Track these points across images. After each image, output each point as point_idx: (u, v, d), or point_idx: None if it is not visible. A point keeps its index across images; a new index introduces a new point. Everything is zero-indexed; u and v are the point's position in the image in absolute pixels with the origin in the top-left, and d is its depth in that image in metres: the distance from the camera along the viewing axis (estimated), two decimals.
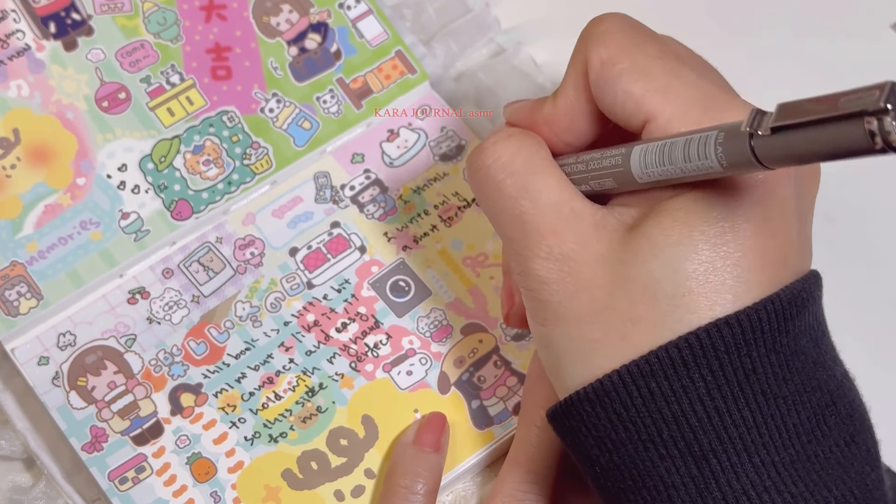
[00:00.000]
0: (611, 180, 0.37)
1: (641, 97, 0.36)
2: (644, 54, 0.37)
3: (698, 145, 0.33)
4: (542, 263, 0.37)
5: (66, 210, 0.49)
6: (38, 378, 0.47)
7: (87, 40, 0.51)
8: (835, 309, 0.51)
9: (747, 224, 0.35)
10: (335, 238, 0.50)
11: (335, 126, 0.51)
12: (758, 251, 0.35)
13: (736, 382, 0.34)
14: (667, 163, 0.34)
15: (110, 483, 0.45)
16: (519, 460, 0.43)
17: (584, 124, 0.39)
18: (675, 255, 0.35)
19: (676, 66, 0.37)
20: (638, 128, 0.37)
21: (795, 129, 0.30)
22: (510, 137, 0.39)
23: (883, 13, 0.58)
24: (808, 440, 0.35)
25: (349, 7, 0.53)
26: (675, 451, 0.35)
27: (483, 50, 0.56)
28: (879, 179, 0.55)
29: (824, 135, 0.29)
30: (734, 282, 0.34)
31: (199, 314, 0.48)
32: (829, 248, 0.53)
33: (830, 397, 0.35)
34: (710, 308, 0.34)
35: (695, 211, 0.35)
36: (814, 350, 0.36)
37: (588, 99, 0.39)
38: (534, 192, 0.38)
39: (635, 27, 0.38)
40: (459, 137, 0.52)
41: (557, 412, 0.37)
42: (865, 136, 0.27)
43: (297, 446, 0.46)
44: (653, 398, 0.34)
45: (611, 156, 0.37)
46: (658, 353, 0.34)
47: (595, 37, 0.38)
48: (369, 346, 0.48)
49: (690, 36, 0.57)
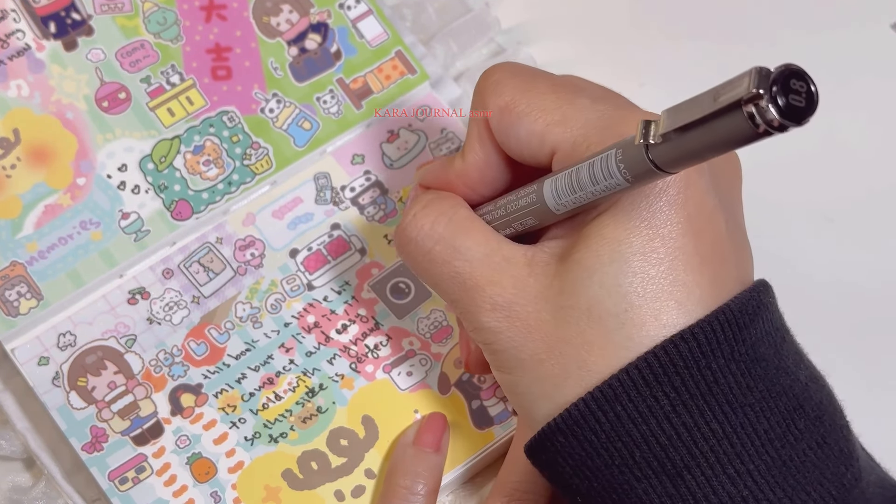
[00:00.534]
0: (531, 218, 0.38)
1: (543, 132, 0.37)
2: (538, 92, 0.38)
3: (601, 166, 0.34)
4: (489, 315, 0.37)
5: (66, 210, 0.49)
6: (38, 378, 0.47)
7: (87, 40, 0.51)
8: (835, 309, 0.51)
9: (671, 226, 0.35)
10: (336, 240, 0.50)
11: (335, 126, 0.51)
12: (688, 251, 0.35)
13: (700, 396, 0.34)
14: (577, 189, 0.35)
15: (110, 483, 0.45)
16: (519, 459, 0.44)
17: (495, 173, 0.41)
18: (610, 273, 0.35)
19: (570, 96, 0.38)
20: (546, 162, 0.38)
21: (684, 131, 0.30)
22: (427, 206, 0.40)
23: (883, 13, 0.58)
24: (780, 445, 0.35)
25: (349, 7, 0.53)
26: (649, 471, 0.35)
27: (483, 50, 0.56)
28: (879, 180, 0.55)
29: (712, 130, 0.29)
30: (672, 287, 0.35)
31: (200, 315, 0.48)
32: (829, 248, 0.53)
33: (797, 401, 0.36)
34: (656, 318, 0.35)
35: (618, 225, 0.35)
36: (774, 356, 0.36)
37: (494, 148, 0.40)
38: (463, 250, 0.39)
39: (525, 71, 0.40)
40: (459, 139, 0.52)
41: (533, 447, 0.38)
42: (748, 123, 0.28)
43: (298, 446, 0.46)
44: (620, 421, 0.35)
45: (524, 195, 0.38)
46: (619, 376, 0.35)
47: (489, 88, 0.39)
48: (369, 348, 0.48)
49: (690, 37, 0.57)
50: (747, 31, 0.57)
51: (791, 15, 0.58)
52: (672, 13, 0.58)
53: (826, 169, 0.55)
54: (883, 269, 0.53)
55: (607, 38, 0.57)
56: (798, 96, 0.28)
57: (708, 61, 0.57)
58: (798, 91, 0.28)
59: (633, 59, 0.56)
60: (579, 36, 0.57)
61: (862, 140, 0.55)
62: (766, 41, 0.57)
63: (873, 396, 0.39)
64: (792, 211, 0.54)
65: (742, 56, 0.56)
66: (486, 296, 0.38)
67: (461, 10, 0.56)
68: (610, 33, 0.57)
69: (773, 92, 0.28)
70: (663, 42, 0.57)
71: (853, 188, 0.55)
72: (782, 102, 0.28)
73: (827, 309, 0.51)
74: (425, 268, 0.40)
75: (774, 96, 0.28)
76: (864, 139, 0.55)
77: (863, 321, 0.52)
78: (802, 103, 0.28)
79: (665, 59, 0.56)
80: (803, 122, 0.28)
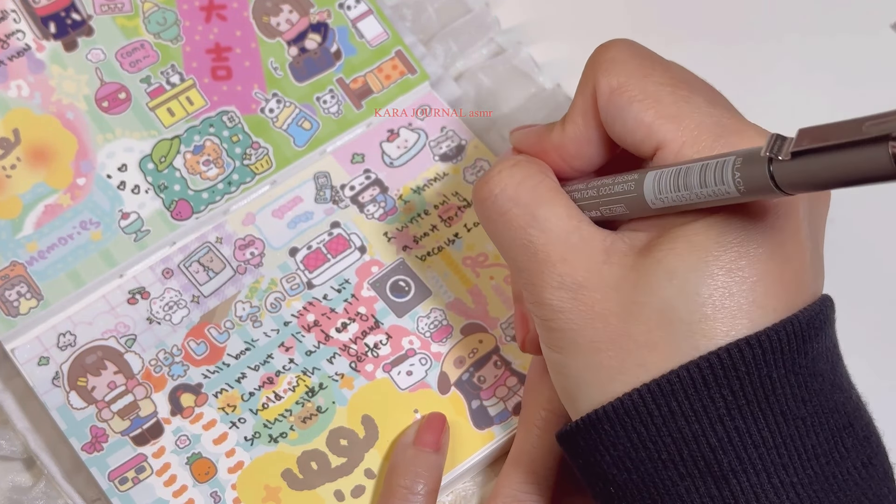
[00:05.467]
0: (622, 206, 0.37)
1: (652, 124, 0.36)
2: (653, 81, 0.37)
3: (715, 171, 0.33)
4: (555, 293, 0.37)
5: (66, 210, 0.49)
6: (38, 378, 0.47)
7: (87, 40, 0.51)
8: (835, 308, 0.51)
9: (762, 249, 0.35)
10: (335, 238, 0.50)
11: (335, 126, 0.51)
12: (773, 276, 0.35)
13: (756, 403, 0.34)
14: (682, 188, 0.34)
15: (110, 483, 0.45)
16: (520, 461, 0.43)
17: (592, 151, 0.39)
18: (691, 281, 0.34)
19: (686, 93, 0.37)
20: (649, 154, 0.37)
21: (816, 154, 0.29)
22: (515, 166, 0.39)
23: (883, 13, 0.58)
24: (826, 461, 0.34)
25: (349, 7, 0.53)
26: (694, 470, 0.34)
27: (483, 50, 0.56)
28: None
29: (846, 160, 0.28)
30: (750, 307, 0.34)
31: (199, 314, 0.48)
32: (829, 248, 0.53)
33: (848, 419, 0.35)
34: (727, 334, 0.34)
35: (709, 236, 0.35)
36: (830, 372, 0.36)
37: (597, 126, 0.39)
38: (542, 220, 0.37)
39: (643, 54, 0.38)
40: (459, 138, 0.52)
41: (571, 432, 0.37)
42: (889, 161, 0.27)
43: (297, 446, 0.46)
44: (673, 417, 0.34)
45: (623, 181, 0.37)
46: (679, 372, 0.34)
47: (603, 64, 0.38)
48: (369, 347, 0.48)
49: (690, 38, 0.57)
50: (747, 32, 0.57)
51: (791, 16, 0.58)
52: (672, 14, 0.58)
53: None
54: (883, 269, 0.53)
55: (607, 39, 0.57)
56: None
57: (708, 62, 0.56)
58: None
59: None
60: (579, 36, 0.57)
61: None
62: (765, 42, 0.57)
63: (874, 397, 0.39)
64: None
65: (742, 57, 0.56)
66: (556, 272, 0.37)
67: (461, 10, 0.56)
68: (610, 33, 0.57)
69: None
70: (663, 43, 0.57)
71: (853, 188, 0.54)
72: None
73: None
74: (499, 229, 0.39)
75: None
76: None
77: (863, 321, 0.52)
78: None
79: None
80: None
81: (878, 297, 0.53)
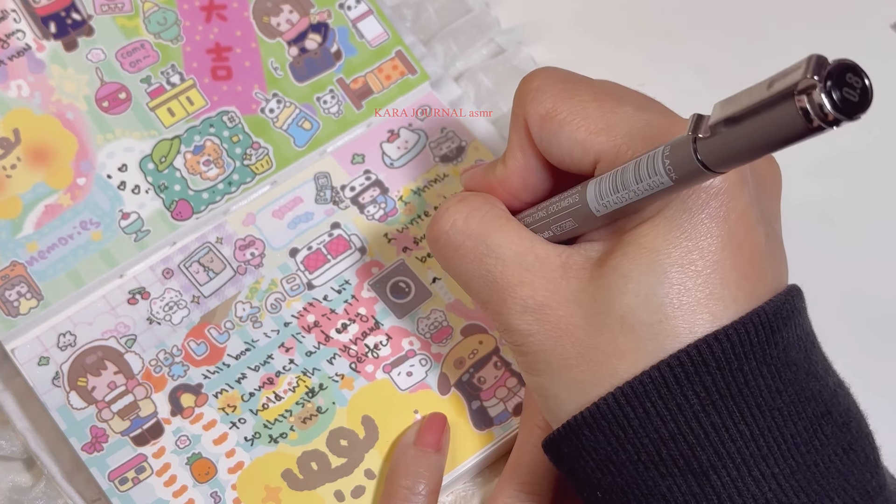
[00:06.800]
0: (571, 220, 0.38)
1: (585, 140, 0.37)
2: (579, 100, 0.38)
3: (647, 163, 0.34)
4: (521, 317, 0.37)
5: (66, 210, 0.49)
6: (38, 378, 0.47)
7: (87, 40, 0.51)
8: (834, 308, 0.51)
9: (711, 239, 0.35)
10: (335, 239, 0.50)
11: (335, 126, 0.51)
12: (727, 265, 0.35)
13: (730, 397, 0.34)
14: (620, 188, 0.35)
15: (110, 483, 0.45)
16: (520, 464, 0.44)
17: (536, 180, 0.40)
18: (646, 283, 0.35)
19: (612, 104, 0.37)
20: (589, 170, 0.38)
21: (735, 124, 0.29)
22: (462, 201, 0.40)
23: (883, 13, 0.58)
24: (806, 450, 0.35)
25: (349, 7, 0.53)
26: (674, 469, 0.35)
27: (483, 50, 0.56)
28: (879, 180, 0.55)
29: (762, 123, 0.28)
30: (708, 300, 0.35)
31: (200, 315, 0.48)
32: (829, 248, 0.53)
33: (825, 406, 0.35)
34: (690, 330, 0.35)
35: (657, 235, 0.35)
36: (805, 361, 0.36)
37: (536, 155, 0.40)
38: (495, 248, 0.38)
39: (566, 77, 0.39)
40: (459, 138, 0.52)
41: (555, 439, 0.37)
42: (799, 116, 0.27)
43: (298, 447, 0.46)
44: (648, 418, 0.35)
45: (568, 195, 0.38)
46: (650, 372, 0.34)
47: (529, 94, 0.39)
48: (369, 347, 0.48)
49: (690, 37, 0.57)
50: (746, 31, 0.57)
51: (791, 15, 0.58)
52: (672, 13, 0.58)
53: (826, 169, 0.55)
54: (883, 269, 0.53)
55: (607, 38, 0.57)
56: (852, 91, 0.27)
57: (708, 61, 0.57)
58: (853, 86, 0.27)
59: (633, 59, 0.56)
60: (579, 36, 0.57)
61: (862, 140, 0.55)
62: (765, 41, 0.57)
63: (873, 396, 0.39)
64: (792, 211, 0.54)
65: (741, 56, 0.56)
66: (518, 296, 0.37)
67: (461, 10, 0.56)
68: (610, 33, 0.57)
69: (827, 85, 0.27)
70: (663, 42, 0.57)
71: (853, 188, 0.55)
72: (836, 96, 0.27)
73: (827, 309, 0.51)
74: (455, 263, 0.39)
75: (829, 89, 0.27)
76: (864, 139, 0.55)
77: (863, 322, 0.52)
78: (856, 98, 0.27)
79: (665, 59, 0.56)
80: (855, 118, 0.27)
81: (879, 297, 0.53)
